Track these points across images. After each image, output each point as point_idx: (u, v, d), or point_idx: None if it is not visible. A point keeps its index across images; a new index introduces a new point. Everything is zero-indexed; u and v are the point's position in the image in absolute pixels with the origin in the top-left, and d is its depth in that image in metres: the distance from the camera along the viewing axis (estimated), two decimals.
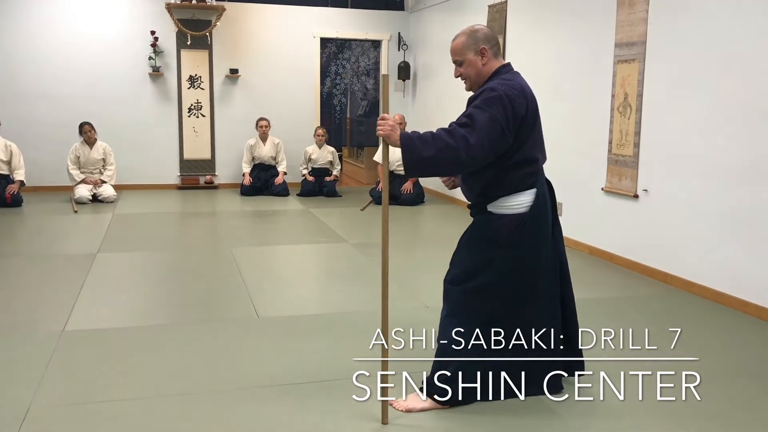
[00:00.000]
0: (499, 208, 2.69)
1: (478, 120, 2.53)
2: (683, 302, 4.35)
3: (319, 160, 8.79)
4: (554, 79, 6.10)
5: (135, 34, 8.72)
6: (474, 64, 2.71)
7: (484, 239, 2.72)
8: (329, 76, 10.00)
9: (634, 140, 5.04)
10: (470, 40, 2.70)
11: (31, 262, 5.14)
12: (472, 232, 2.81)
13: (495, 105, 2.55)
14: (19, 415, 2.62)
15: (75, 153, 7.97)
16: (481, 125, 2.52)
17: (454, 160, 2.52)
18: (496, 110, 2.54)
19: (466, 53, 2.71)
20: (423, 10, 9.25)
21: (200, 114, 9.11)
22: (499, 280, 2.68)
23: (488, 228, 2.71)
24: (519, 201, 2.67)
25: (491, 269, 2.68)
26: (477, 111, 2.56)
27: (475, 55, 2.70)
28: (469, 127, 2.53)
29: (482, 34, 2.72)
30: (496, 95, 2.57)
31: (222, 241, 6.20)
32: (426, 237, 6.63)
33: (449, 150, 2.50)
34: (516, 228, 2.66)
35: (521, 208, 2.67)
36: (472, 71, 2.72)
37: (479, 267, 2.70)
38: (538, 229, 2.70)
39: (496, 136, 2.53)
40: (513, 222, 2.66)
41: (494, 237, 2.68)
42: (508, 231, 2.66)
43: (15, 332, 3.60)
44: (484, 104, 2.56)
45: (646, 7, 4.90)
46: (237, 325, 3.79)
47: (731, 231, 4.24)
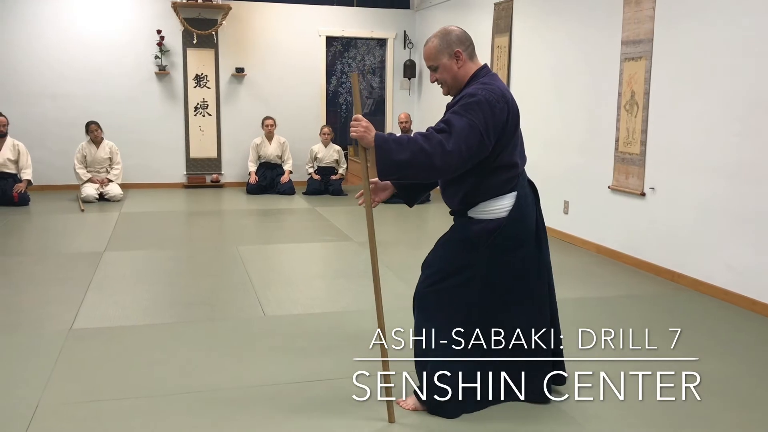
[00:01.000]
0: (479, 213, 2.65)
1: (456, 126, 2.45)
2: (690, 301, 4.34)
3: (325, 158, 8.79)
4: (561, 77, 6.09)
5: (141, 33, 8.74)
6: (449, 68, 2.62)
7: (462, 242, 2.67)
8: (335, 74, 10.00)
9: (641, 138, 5.03)
10: (443, 43, 2.61)
11: (39, 261, 5.16)
12: (450, 234, 2.76)
13: (474, 111, 2.47)
14: (28, 413, 2.64)
15: (81, 152, 7.99)
16: (459, 131, 2.44)
17: (429, 166, 2.44)
18: (475, 116, 2.46)
19: (440, 58, 2.62)
20: (428, 8, 9.24)
21: (206, 113, 9.12)
22: (475, 281, 2.63)
23: (466, 231, 2.66)
24: (499, 205, 2.62)
25: (467, 271, 2.64)
26: (455, 117, 2.48)
27: (449, 59, 2.61)
28: (446, 133, 2.45)
29: (455, 36, 2.62)
30: (475, 101, 2.49)
31: (228, 239, 6.21)
32: (431, 236, 6.58)
33: (424, 155, 2.42)
34: (494, 231, 2.61)
35: (501, 212, 2.62)
36: (448, 76, 2.64)
37: (455, 269, 2.66)
38: (517, 231, 2.64)
39: (474, 143, 2.46)
40: (492, 225, 2.61)
41: (472, 240, 2.63)
42: (486, 234, 2.61)
43: (23, 330, 3.62)
44: (463, 110, 2.49)
45: (652, 5, 4.88)
46: (244, 323, 3.80)
47: (738, 229, 4.22)
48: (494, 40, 7.23)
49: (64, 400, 2.77)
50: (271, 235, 6.50)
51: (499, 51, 7.14)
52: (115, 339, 3.49)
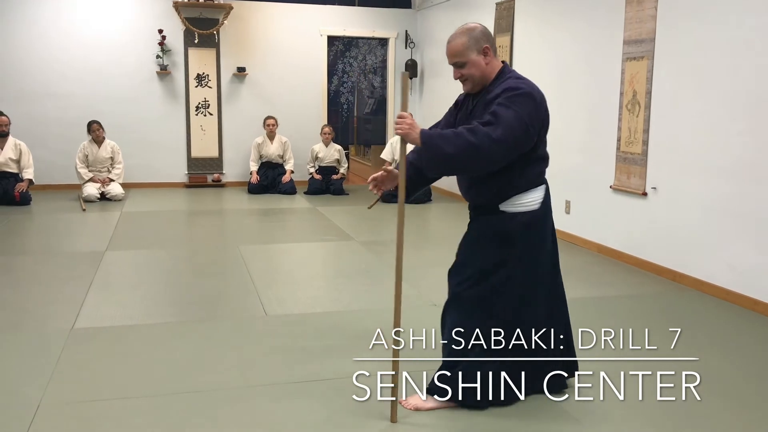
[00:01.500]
0: (513, 206, 2.64)
1: (502, 117, 2.46)
2: (692, 301, 4.33)
3: (326, 158, 8.79)
4: (562, 77, 6.08)
5: (143, 32, 8.74)
6: (478, 64, 2.62)
7: (497, 238, 2.66)
8: (336, 74, 10.00)
9: (642, 138, 5.02)
10: (471, 40, 2.61)
11: (40, 260, 5.16)
12: (481, 231, 2.73)
13: (520, 103, 2.49)
14: (29, 412, 2.64)
15: (83, 151, 8.00)
16: (505, 122, 2.45)
17: (476, 158, 2.45)
18: (520, 108, 2.48)
19: (468, 54, 2.62)
20: (430, 7, 9.24)
21: (208, 112, 9.13)
22: (514, 278, 2.64)
23: (501, 227, 2.65)
24: (532, 198, 2.64)
25: (505, 269, 2.64)
26: (501, 108, 2.49)
27: (478, 55, 2.62)
28: (492, 125, 2.46)
29: (481, 33, 2.63)
30: (520, 93, 2.51)
31: (230, 239, 6.21)
32: (433, 235, 6.62)
33: (471, 148, 2.43)
34: (531, 224, 2.63)
35: (534, 205, 2.64)
36: (477, 71, 2.64)
37: (494, 266, 2.65)
38: (546, 224, 2.69)
39: (520, 134, 2.48)
40: (526, 219, 2.63)
41: (508, 235, 2.64)
42: (521, 229, 2.63)
43: (24, 330, 3.62)
44: (509, 102, 2.49)
45: (654, 5, 4.87)
46: (245, 323, 3.80)
47: (740, 229, 4.21)
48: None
49: (65, 399, 2.77)
50: (272, 235, 6.50)
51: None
52: (116, 338, 3.50)
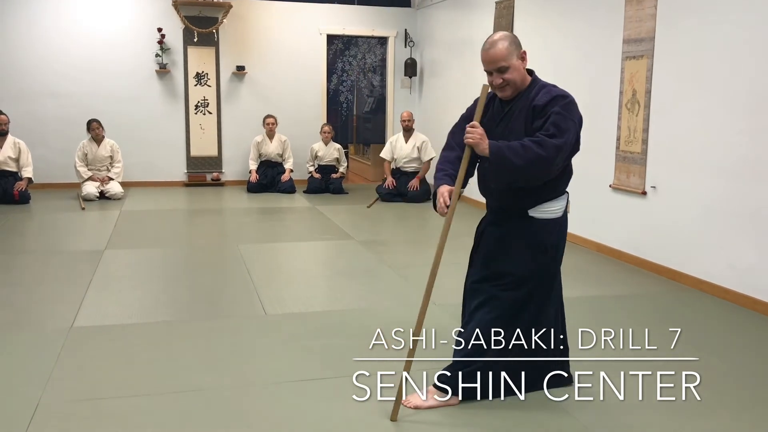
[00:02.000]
0: (542, 212, 2.70)
1: (564, 128, 2.53)
2: (691, 300, 4.33)
3: (325, 157, 8.79)
4: (562, 76, 6.06)
5: (142, 31, 8.73)
6: (519, 69, 2.67)
7: (533, 245, 2.71)
8: (336, 73, 10.00)
9: (642, 137, 5.02)
10: (513, 45, 2.64)
11: (39, 259, 5.16)
12: (515, 237, 2.74)
13: (573, 111, 2.58)
14: (28, 411, 2.63)
15: (83, 150, 7.99)
16: (569, 133, 2.54)
17: (543, 170, 2.53)
18: (574, 116, 2.58)
19: (511, 59, 2.63)
20: (429, 6, 9.23)
21: (207, 111, 9.12)
22: (544, 283, 2.74)
23: (535, 234, 2.71)
24: (558, 206, 2.72)
25: (539, 274, 2.72)
26: (560, 119, 2.54)
27: (517, 60, 2.65)
28: (558, 137, 2.52)
29: (516, 38, 2.70)
30: (570, 101, 2.60)
31: (229, 238, 6.21)
32: (433, 234, 6.61)
33: (540, 160, 2.49)
34: (558, 232, 2.74)
35: (558, 212, 2.73)
36: (518, 76, 2.66)
37: (531, 273, 2.71)
38: (566, 231, 2.80)
39: (573, 140, 2.58)
40: (555, 227, 2.73)
41: (542, 242, 2.71)
42: (553, 236, 2.72)
43: (24, 329, 3.62)
44: (566, 111, 2.56)
45: (654, 3, 4.87)
46: (245, 322, 3.79)
47: (740, 228, 4.21)
48: None
49: (65, 398, 2.77)
50: (271, 234, 6.50)
51: None
52: (115, 337, 3.49)
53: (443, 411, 2.68)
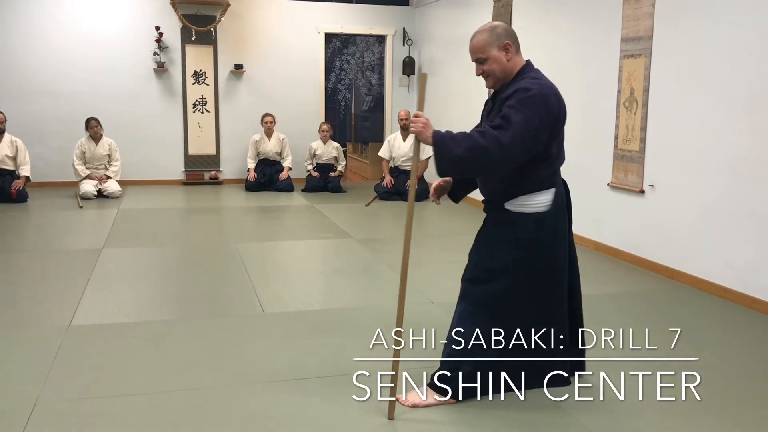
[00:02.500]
0: (518, 206, 2.67)
1: (513, 121, 2.49)
2: (690, 299, 4.34)
3: (323, 155, 8.78)
4: (560, 75, 6.05)
5: (140, 29, 8.72)
6: (499, 60, 2.65)
7: (506, 239, 2.69)
8: (334, 71, 9.98)
9: (640, 135, 5.03)
10: (492, 36, 2.65)
11: (37, 258, 5.15)
12: (491, 230, 2.77)
13: (530, 105, 2.51)
14: (26, 409, 2.63)
15: (80, 148, 7.98)
16: (516, 126, 2.48)
17: (486, 161, 2.49)
18: (531, 111, 2.50)
19: (489, 50, 2.64)
20: (428, 5, 9.23)
21: (205, 110, 9.11)
22: (522, 280, 2.67)
23: (510, 227, 2.69)
24: (540, 200, 2.66)
25: (513, 269, 2.67)
26: (512, 111, 2.51)
27: (499, 51, 2.64)
28: (503, 129, 2.49)
29: (503, 30, 2.68)
30: (531, 95, 2.53)
31: (227, 236, 6.20)
32: (431, 232, 6.62)
33: (480, 150, 2.46)
34: (536, 227, 2.65)
35: (541, 207, 2.65)
36: (498, 67, 2.66)
37: (502, 267, 2.68)
38: (556, 228, 2.69)
39: (530, 137, 2.50)
40: (533, 221, 2.65)
41: (516, 237, 2.67)
42: (528, 230, 2.65)
43: (21, 327, 3.62)
44: (520, 104, 2.52)
45: (652, 2, 4.87)
46: (242, 320, 3.79)
47: (738, 227, 4.22)
48: None
49: (62, 397, 2.77)
50: (269, 232, 6.50)
51: None
52: (113, 336, 3.49)
53: (442, 410, 2.68)
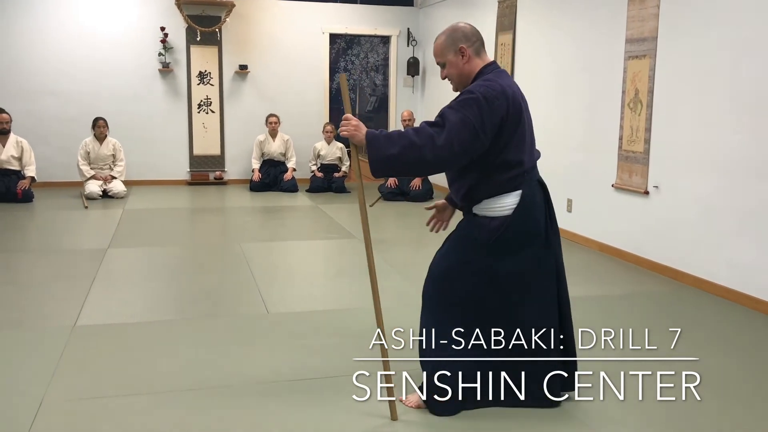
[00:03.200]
0: (483, 210, 2.65)
1: (449, 120, 2.47)
2: (693, 299, 4.33)
3: (327, 156, 8.80)
4: (564, 75, 6.08)
5: (145, 30, 8.75)
6: (455, 64, 2.64)
7: (466, 239, 2.69)
8: (338, 72, 10.00)
9: (644, 136, 5.02)
10: (449, 40, 2.63)
11: (42, 258, 5.17)
12: (456, 232, 2.78)
13: (469, 107, 2.48)
14: (32, 409, 2.65)
15: (85, 149, 8.01)
16: (452, 126, 2.45)
17: (419, 160, 2.46)
18: (469, 112, 2.46)
19: (446, 54, 2.64)
20: (432, 5, 9.24)
21: (210, 110, 9.13)
22: (479, 280, 2.63)
23: (470, 229, 2.68)
24: (503, 203, 2.60)
25: (470, 269, 2.64)
26: (450, 111, 2.49)
27: (455, 56, 2.62)
28: (439, 127, 2.47)
29: (461, 33, 2.63)
30: (472, 97, 2.49)
31: (231, 236, 6.22)
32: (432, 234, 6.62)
33: (414, 149, 2.44)
34: (498, 230, 2.60)
35: (505, 210, 2.60)
36: (455, 72, 2.65)
37: (459, 266, 2.67)
38: (523, 230, 2.62)
39: (467, 138, 2.46)
40: (495, 224, 2.60)
41: (475, 238, 2.64)
42: (488, 232, 2.61)
43: (27, 327, 3.64)
44: (458, 105, 2.50)
45: (657, 3, 4.87)
46: (247, 320, 3.81)
47: (742, 228, 4.21)
48: (498, 38, 7.23)
49: (68, 397, 2.78)
50: (274, 233, 6.51)
51: (502, 48, 7.14)
52: (118, 336, 3.51)
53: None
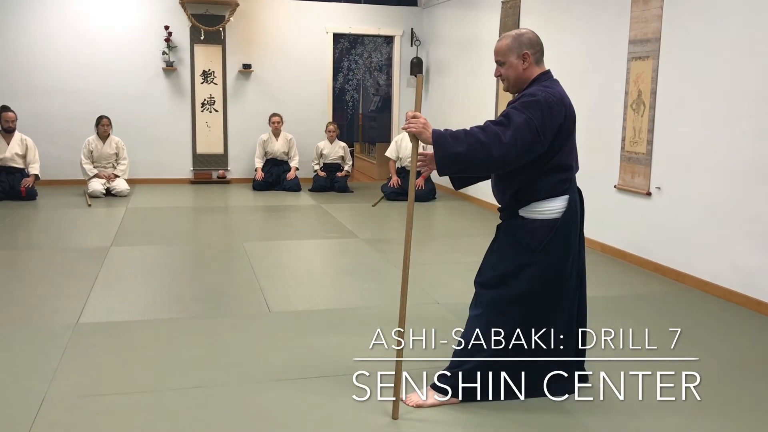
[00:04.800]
0: (531, 212, 2.69)
1: (514, 120, 2.54)
2: (695, 301, 4.33)
3: (330, 155, 8.80)
4: (567, 76, 6.04)
5: (149, 29, 8.76)
6: (515, 67, 2.71)
7: (517, 244, 2.71)
8: (341, 71, 10.00)
9: (647, 138, 5.02)
10: (515, 43, 2.70)
11: (46, 256, 5.19)
12: (504, 236, 2.79)
13: (533, 109, 2.55)
14: (34, 406, 2.66)
15: (88, 147, 8.03)
16: (517, 126, 2.52)
17: (486, 158, 2.52)
18: (533, 114, 2.54)
19: (508, 55, 2.71)
20: (436, 5, 9.23)
21: (213, 109, 9.15)
22: (532, 285, 2.69)
23: (521, 233, 2.71)
24: (552, 206, 2.67)
25: (524, 274, 2.69)
26: (514, 112, 2.57)
27: (517, 59, 2.70)
28: (504, 126, 2.53)
29: (527, 39, 2.71)
30: (534, 100, 2.57)
31: (234, 235, 6.23)
32: (437, 233, 6.63)
33: (481, 146, 2.50)
34: (548, 233, 2.66)
35: (554, 214, 2.67)
36: (512, 74, 2.73)
37: (512, 272, 2.70)
38: (568, 235, 2.70)
39: (530, 139, 2.53)
40: (546, 227, 2.67)
41: (527, 242, 2.68)
42: (541, 236, 2.67)
43: (30, 324, 3.65)
44: (522, 107, 2.57)
45: (660, 4, 4.86)
46: (249, 319, 3.81)
47: (745, 229, 4.21)
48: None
49: (70, 394, 2.79)
50: (276, 232, 6.52)
51: None
52: (121, 333, 3.52)
53: (444, 410, 2.70)
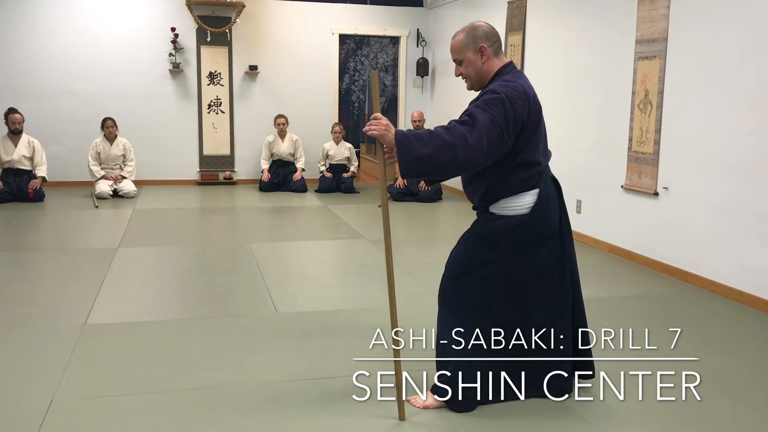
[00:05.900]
0: (500, 209, 2.66)
1: (478, 120, 2.46)
2: (703, 301, 4.31)
3: (336, 156, 8.81)
4: (574, 76, 6.06)
5: (155, 30, 8.79)
6: (473, 63, 2.63)
7: (483, 238, 2.69)
8: (348, 72, 10.01)
9: (654, 137, 5.00)
10: (469, 38, 2.62)
11: (53, 257, 5.21)
12: (472, 230, 2.77)
13: (495, 107, 2.48)
14: (42, 407, 2.67)
15: (95, 149, 8.06)
16: (481, 126, 2.44)
17: (452, 160, 2.45)
18: (496, 112, 2.47)
19: (465, 52, 2.63)
20: (442, 6, 9.23)
21: (219, 110, 9.17)
22: (497, 278, 2.64)
23: (487, 226, 2.68)
24: (521, 202, 2.62)
25: (488, 267, 2.65)
26: (478, 111, 2.49)
27: (474, 54, 2.62)
28: (469, 126, 2.46)
29: (482, 32, 2.63)
30: (497, 97, 2.49)
31: (241, 236, 6.24)
32: (443, 233, 6.62)
33: (447, 148, 2.43)
34: (515, 227, 2.62)
35: (523, 209, 2.62)
36: (472, 70, 2.65)
37: (477, 265, 2.67)
38: (540, 228, 2.64)
39: (495, 139, 2.46)
40: (513, 222, 2.62)
41: (494, 236, 2.65)
42: (506, 230, 2.62)
43: (38, 325, 3.66)
44: (485, 105, 2.50)
45: (667, 4, 4.85)
46: (256, 320, 3.82)
47: (752, 229, 4.19)
48: (508, 39, 7.22)
49: (78, 395, 2.80)
50: (283, 233, 6.52)
51: (512, 49, 7.13)
52: (128, 335, 3.53)
53: (444, 410, 2.69)
